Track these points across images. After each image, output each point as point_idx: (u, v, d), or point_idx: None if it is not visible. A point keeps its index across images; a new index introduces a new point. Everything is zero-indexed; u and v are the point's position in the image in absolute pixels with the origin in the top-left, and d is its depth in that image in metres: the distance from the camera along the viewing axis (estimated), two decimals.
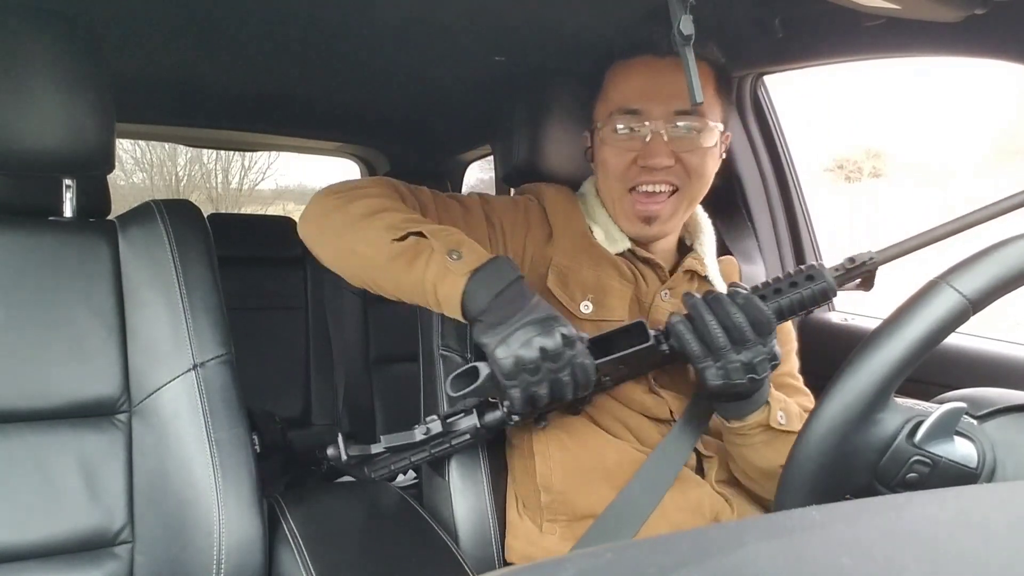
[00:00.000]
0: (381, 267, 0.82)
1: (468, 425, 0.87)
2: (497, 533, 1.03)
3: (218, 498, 0.93)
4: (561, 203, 1.01)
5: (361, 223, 0.83)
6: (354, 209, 0.85)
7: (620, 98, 0.93)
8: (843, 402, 0.57)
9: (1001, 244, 0.57)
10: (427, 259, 0.78)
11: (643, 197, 0.93)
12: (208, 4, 1.18)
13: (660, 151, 0.90)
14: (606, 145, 0.95)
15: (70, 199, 0.99)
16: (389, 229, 0.81)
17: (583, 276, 0.95)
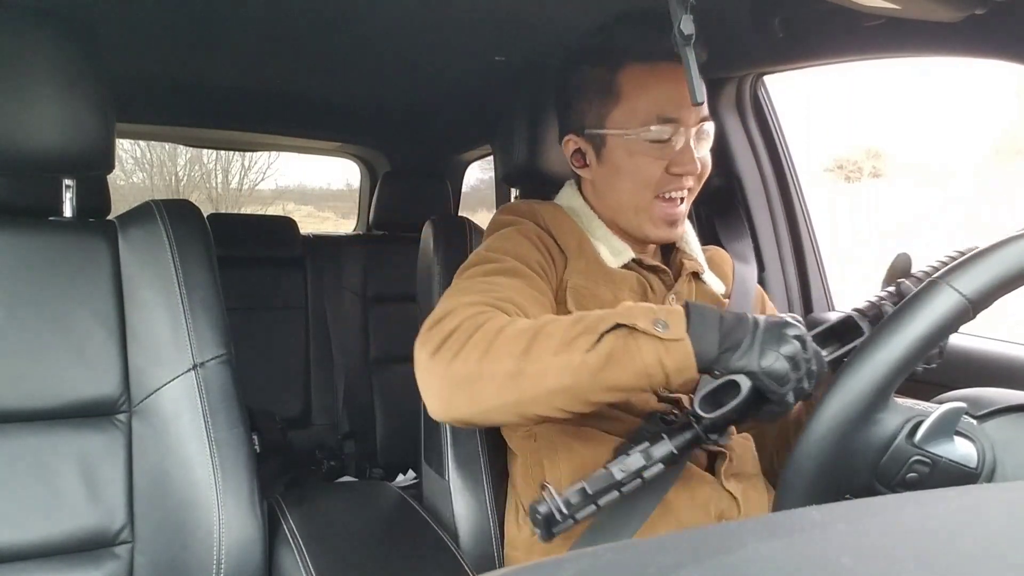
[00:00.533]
0: (589, 387, 0.71)
1: (664, 452, 0.80)
2: (497, 533, 1.03)
3: (218, 498, 0.93)
4: (565, 223, 0.98)
5: (529, 365, 0.71)
6: (500, 356, 0.72)
7: (655, 105, 0.91)
8: (843, 402, 0.57)
9: (1001, 244, 0.57)
10: (637, 349, 0.70)
11: (668, 202, 0.94)
12: (208, 4, 1.18)
13: (692, 158, 0.92)
14: (636, 154, 0.93)
15: (70, 199, 0.99)
16: (566, 348, 0.71)
17: (600, 295, 0.93)
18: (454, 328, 0.76)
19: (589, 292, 0.93)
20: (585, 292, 0.93)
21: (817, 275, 1.54)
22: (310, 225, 4.99)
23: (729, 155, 1.46)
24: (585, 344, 0.70)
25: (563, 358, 0.70)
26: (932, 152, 6.48)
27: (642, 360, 0.69)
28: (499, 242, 0.93)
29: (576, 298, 0.92)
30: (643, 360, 0.69)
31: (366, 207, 2.78)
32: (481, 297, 0.81)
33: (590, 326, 0.71)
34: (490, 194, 2.55)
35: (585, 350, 0.70)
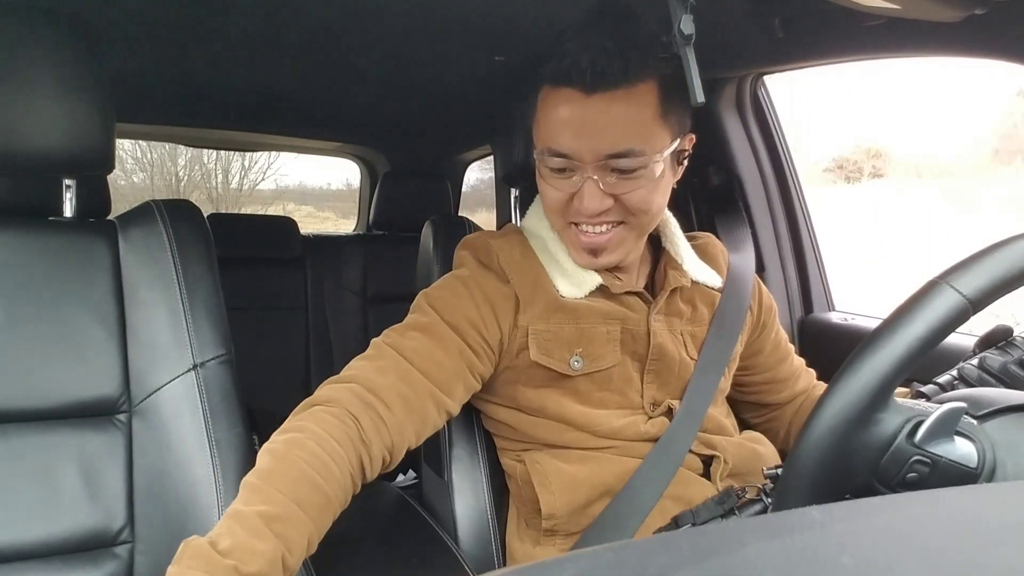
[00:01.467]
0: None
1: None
2: (497, 533, 1.03)
3: (218, 498, 0.93)
4: (518, 260, 0.92)
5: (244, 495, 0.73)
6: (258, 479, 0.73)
7: (548, 134, 0.85)
8: (843, 402, 0.57)
9: (1001, 244, 0.57)
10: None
11: (582, 231, 0.88)
12: (208, 4, 1.18)
13: (592, 196, 0.83)
14: (543, 177, 0.88)
15: (70, 199, 0.99)
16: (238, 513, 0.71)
17: (565, 334, 0.89)
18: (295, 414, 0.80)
19: (552, 336, 0.90)
20: (548, 337, 0.90)
21: (817, 275, 1.54)
22: (310, 225, 4.99)
23: (729, 155, 1.46)
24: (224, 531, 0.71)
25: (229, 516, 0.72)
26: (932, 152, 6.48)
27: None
28: (438, 292, 0.91)
29: (539, 343, 0.89)
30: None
31: (366, 207, 2.78)
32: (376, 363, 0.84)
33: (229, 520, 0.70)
34: (490, 194, 2.55)
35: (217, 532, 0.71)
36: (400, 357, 0.85)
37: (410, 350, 0.85)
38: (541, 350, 0.89)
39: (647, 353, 0.93)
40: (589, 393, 0.92)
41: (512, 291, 0.91)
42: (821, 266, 1.55)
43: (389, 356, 0.85)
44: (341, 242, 2.37)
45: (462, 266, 0.96)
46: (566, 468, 0.91)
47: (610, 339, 0.91)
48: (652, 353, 0.93)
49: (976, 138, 5.92)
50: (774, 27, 1.10)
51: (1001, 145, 5.55)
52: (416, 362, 0.85)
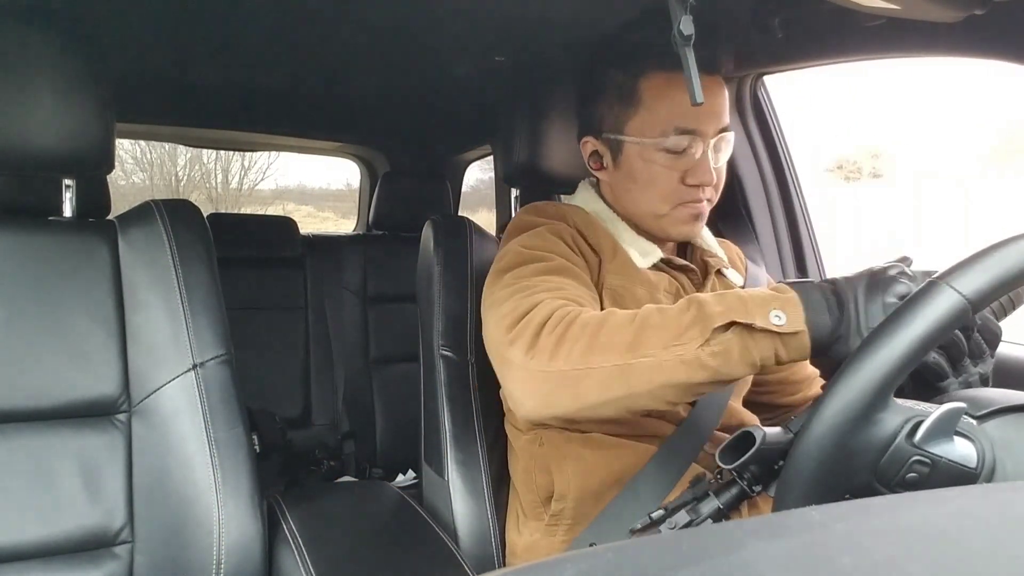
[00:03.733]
0: (701, 380, 0.69)
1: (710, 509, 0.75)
2: (497, 533, 1.03)
3: (218, 498, 0.93)
4: (596, 226, 0.97)
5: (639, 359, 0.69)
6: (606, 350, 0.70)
7: (674, 116, 0.90)
8: (843, 402, 0.57)
9: (1001, 244, 0.57)
10: (754, 344, 0.68)
11: (690, 204, 0.94)
12: (208, 4, 1.18)
13: (709, 169, 0.91)
14: (651, 163, 0.92)
15: (70, 199, 0.99)
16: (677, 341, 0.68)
17: (638, 294, 0.92)
18: (543, 320, 0.74)
19: (627, 291, 0.91)
20: (623, 291, 0.91)
21: (817, 275, 1.54)
22: (310, 225, 4.99)
23: (729, 155, 1.46)
24: (698, 338, 0.67)
25: (675, 352, 0.67)
26: (931, 152, 6.48)
27: (759, 354, 0.68)
28: (536, 240, 0.90)
29: (613, 298, 0.91)
30: (760, 354, 0.68)
31: (366, 207, 2.78)
32: (555, 293, 0.79)
33: (702, 319, 0.68)
34: (490, 194, 2.55)
35: (698, 345, 0.67)
36: (561, 290, 0.81)
37: (564, 286, 0.82)
38: (615, 305, 0.89)
39: None
40: None
41: (594, 251, 0.93)
42: (821, 266, 1.55)
43: (550, 288, 0.81)
44: (341, 242, 2.37)
45: (530, 225, 0.94)
46: (583, 452, 0.91)
47: None
48: None
49: (975, 138, 5.93)
50: (774, 27, 1.10)
51: (1000, 145, 5.55)
52: (574, 293, 0.82)
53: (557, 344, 0.72)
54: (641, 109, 0.92)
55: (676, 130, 0.90)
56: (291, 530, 0.99)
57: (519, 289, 0.82)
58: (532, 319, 0.75)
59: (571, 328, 0.72)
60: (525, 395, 0.74)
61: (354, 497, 1.21)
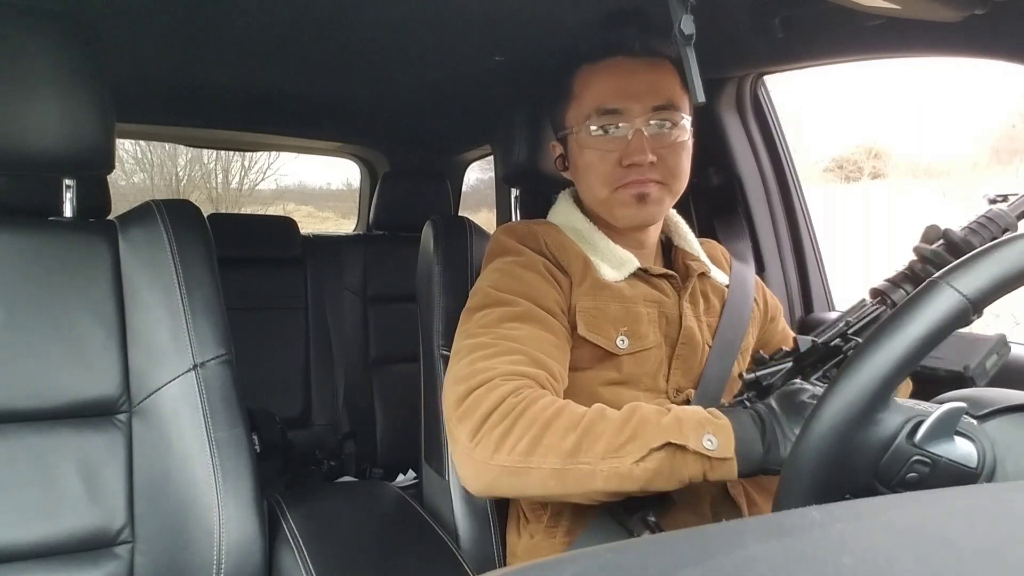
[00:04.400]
0: (631, 490, 0.73)
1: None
2: (497, 533, 1.03)
3: (218, 498, 0.93)
4: (565, 244, 0.97)
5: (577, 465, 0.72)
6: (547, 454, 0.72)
7: (596, 99, 0.93)
8: (843, 402, 0.57)
9: (1001, 244, 0.57)
10: (684, 466, 0.71)
11: (632, 183, 0.92)
12: (208, 4, 1.18)
13: (643, 147, 0.90)
14: (586, 148, 0.94)
15: (70, 199, 0.99)
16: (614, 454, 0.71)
17: (611, 312, 0.92)
18: (492, 408, 0.76)
19: (600, 312, 0.92)
20: (596, 312, 0.92)
21: (817, 275, 1.54)
22: (310, 225, 4.99)
23: (729, 155, 1.46)
24: (634, 454, 0.71)
25: (611, 464, 0.71)
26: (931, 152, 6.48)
27: (688, 474, 0.72)
28: (506, 280, 0.90)
29: (586, 320, 0.91)
30: (689, 474, 0.72)
31: (366, 207, 2.78)
32: (508, 362, 0.80)
33: (640, 436, 0.72)
34: (490, 194, 2.55)
35: (633, 461, 0.71)
36: (523, 347, 0.82)
37: (526, 339, 0.83)
38: (589, 327, 0.91)
39: (678, 337, 0.96)
40: (630, 374, 0.93)
41: (565, 273, 0.94)
42: (821, 266, 1.55)
43: (514, 349, 0.82)
44: (341, 242, 2.37)
45: (507, 252, 0.95)
46: None
47: (650, 320, 0.95)
48: (682, 336, 0.96)
49: (975, 138, 5.93)
50: (774, 27, 1.10)
51: (1000, 145, 5.55)
52: (539, 348, 0.83)
53: (502, 438, 0.74)
54: (572, 100, 0.97)
55: (599, 111, 0.92)
56: (291, 530, 0.99)
57: (479, 346, 0.83)
58: (481, 402, 0.77)
59: (518, 423, 0.74)
60: (468, 476, 0.78)
61: (354, 497, 1.21)
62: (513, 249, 0.95)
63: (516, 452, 0.73)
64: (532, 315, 0.87)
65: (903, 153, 6.70)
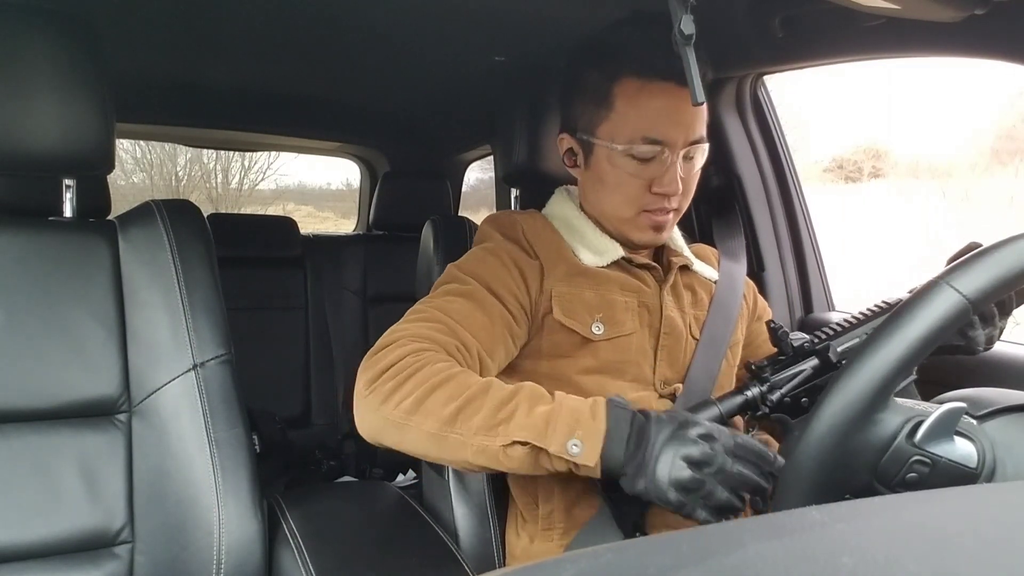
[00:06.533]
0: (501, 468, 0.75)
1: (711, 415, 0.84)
2: (497, 533, 1.03)
3: (218, 498, 0.93)
4: (542, 232, 0.98)
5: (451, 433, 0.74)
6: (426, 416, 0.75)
7: (642, 124, 0.89)
8: (843, 402, 0.57)
9: (1001, 244, 0.57)
10: (548, 462, 0.73)
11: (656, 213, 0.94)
12: (208, 4, 1.18)
13: (675, 180, 0.91)
14: (618, 168, 0.92)
15: (70, 199, 0.99)
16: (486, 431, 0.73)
17: (586, 298, 0.93)
18: (391, 364, 0.78)
19: (574, 296, 0.93)
20: (570, 297, 0.92)
21: (817, 275, 1.54)
22: (310, 225, 4.99)
23: (729, 155, 1.46)
24: (500, 439, 0.72)
25: (480, 441, 0.72)
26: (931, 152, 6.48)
27: (552, 467, 0.73)
28: (470, 263, 0.93)
29: (561, 304, 0.92)
30: (553, 468, 0.73)
31: (366, 207, 2.78)
32: (427, 328, 0.83)
33: (512, 421, 0.72)
34: (490, 194, 2.55)
35: (499, 444, 0.72)
36: (448, 318, 0.85)
37: (456, 312, 0.86)
38: (564, 311, 0.92)
39: (660, 327, 0.96)
40: (609, 362, 0.93)
41: (536, 260, 0.95)
42: (821, 266, 1.54)
43: (438, 318, 0.85)
44: (341, 242, 2.37)
45: (487, 239, 0.98)
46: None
47: (628, 308, 0.95)
48: (664, 327, 0.96)
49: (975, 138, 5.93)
50: (774, 27, 1.10)
51: (1000, 145, 5.55)
52: (464, 323, 0.85)
53: (391, 392, 0.76)
54: (613, 114, 0.92)
55: (644, 139, 0.89)
56: (291, 530, 0.99)
57: (411, 312, 0.87)
58: (384, 357, 0.79)
59: (408, 381, 0.76)
60: (360, 422, 0.80)
61: (354, 497, 1.21)
62: (488, 236, 0.98)
63: (400, 408, 0.75)
64: (475, 295, 0.88)
65: (903, 153, 6.69)
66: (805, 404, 0.85)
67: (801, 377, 0.85)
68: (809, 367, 0.85)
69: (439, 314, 0.85)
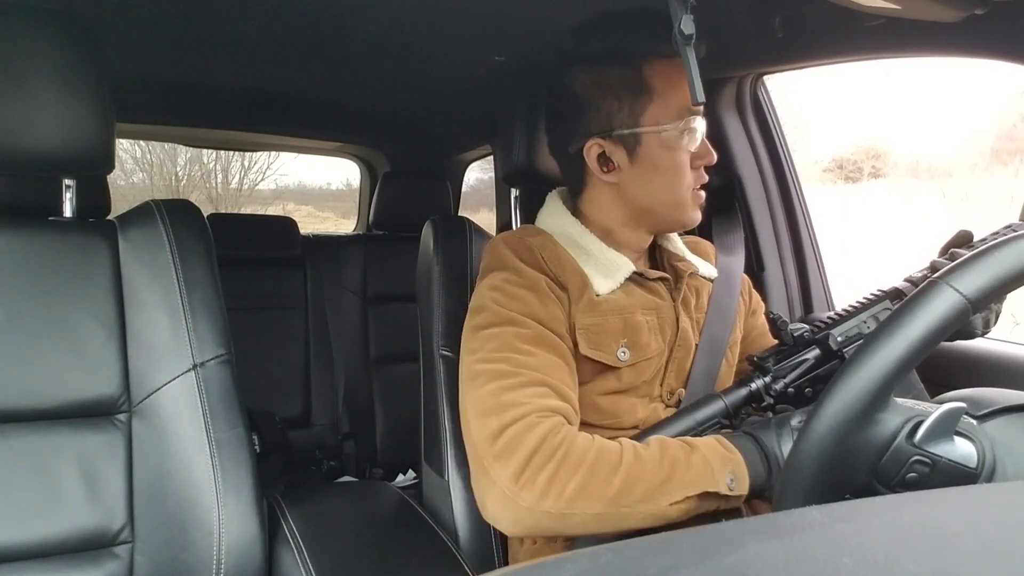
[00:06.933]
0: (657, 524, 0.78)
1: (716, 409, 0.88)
2: (497, 533, 1.03)
3: (218, 498, 0.93)
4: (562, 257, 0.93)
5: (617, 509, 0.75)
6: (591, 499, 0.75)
7: (682, 98, 0.89)
8: (843, 402, 0.57)
9: (1001, 244, 0.57)
10: (709, 504, 0.78)
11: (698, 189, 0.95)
12: (208, 4, 1.18)
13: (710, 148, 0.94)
14: (673, 150, 0.91)
15: (70, 199, 0.99)
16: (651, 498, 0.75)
17: (611, 325, 0.91)
18: (534, 449, 0.76)
19: (600, 328, 0.90)
20: (596, 329, 0.90)
21: (817, 275, 1.54)
22: (310, 225, 4.98)
23: (729, 155, 1.46)
24: (669, 497, 0.75)
25: (648, 507, 0.75)
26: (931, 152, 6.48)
27: (708, 508, 0.78)
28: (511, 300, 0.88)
29: (587, 338, 0.89)
30: (708, 508, 0.78)
31: (366, 207, 2.78)
32: (535, 395, 0.80)
33: (673, 478, 0.76)
34: (490, 194, 2.55)
35: (669, 503, 0.75)
36: (546, 377, 0.83)
37: (544, 367, 0.84)
38: (590, 344, 0.89)
39: (675, 340, 0.96)
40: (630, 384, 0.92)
41: (565, 292, 0.91)
42: (821, 266, 1.54)
43: (537, 380, 0.82)
44: (341, 242, 2.37)
45: (504, 266, 0.92)
46: None
47: (651, 328, 0.93)
48: (678, 340, 0.96)
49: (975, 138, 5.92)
50: (774, 27, 1.10)
51: (1000, 145, 5.55)
52: (556, 377, 0.84)
53: (548, 483, 0.75)
54: (654, 96, 0.90)
55: (689, 111, 0.90)
56: (291, 530, 0.99)
57: (499, 374, 0.82)
58: (520, 441, 0.77)
59: (562, 467, 0.75)
60: (503, 518, 0.78)
61: (354, 497, 1.21)
62: (511, 265, 0.92)
63: (563, 498, 0.74)
64: (544, 339, 0.86)
65: (903, 153, 6.69)
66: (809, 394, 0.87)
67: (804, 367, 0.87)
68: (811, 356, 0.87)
69: (533, 374, 0.82)
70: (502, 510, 0.77)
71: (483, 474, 0.79)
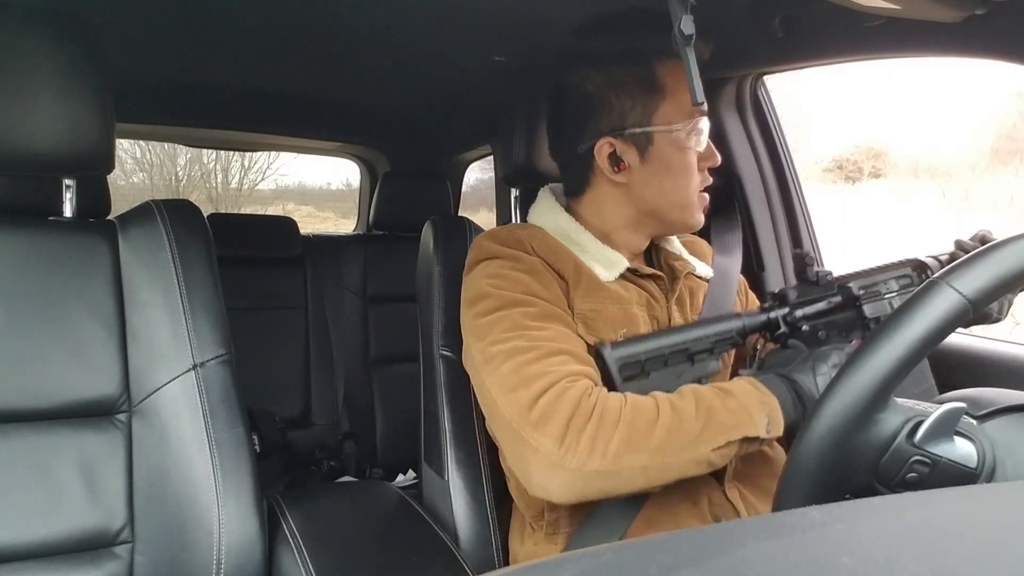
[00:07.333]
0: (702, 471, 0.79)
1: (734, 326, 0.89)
2: (497, 533, 1.03)
3: (218, 498, 0.93)
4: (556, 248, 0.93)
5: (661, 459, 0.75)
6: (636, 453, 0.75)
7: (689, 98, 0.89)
8: (843, 402, 0.57)
9: (1001, 244, 0.57)
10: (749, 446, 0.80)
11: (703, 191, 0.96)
12: (208, 4, 1.18)
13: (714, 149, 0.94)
14: (684, 149, 0.91)
15: (70, 199, 0.99)
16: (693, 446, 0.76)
17: (608, 314, 0.91)
18: (572, 412, 0.76)
19: (598, 314, 0.90)
20: (594, 315, 0.90)
21: None
22: (310, 225, 4.98)
23: (729, 155, 1.46)
24: (711, 443, 0.76)
25: (691, 454, 0.76)
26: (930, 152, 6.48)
27: (748, 450, 0.80)
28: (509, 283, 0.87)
29: (586, 322, 0.89)
30: (749, 450, 0.80)
31: (366, 207, 2.78)
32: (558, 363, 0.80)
33: (712, 425, 0.77)
34: (490, 194, 2.55)
35: (711, 449, 0.76)
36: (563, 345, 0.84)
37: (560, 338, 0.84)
38: (588, 329, 0.89)
39: None
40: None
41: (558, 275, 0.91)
42: (821, 266, 1.54)
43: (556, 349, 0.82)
44: (341, 242, 2.37)
45: (495, 256, 0.92)
46: None
47: (644, 323, 0.93)
48: None
49: (975, 138, 5.93)
50: (774, 27, 1.10)
51: (1000, 145, 5.55)
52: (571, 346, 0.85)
53: (592, 442, 0.75)
54: (668, 96, 0.91)
55: (699, 112, 0.90)
56: (291, 530, 0.99)
57: (516, 351, 0.82)
58: (557, 408, 0.76)
59: (602, 426, 0.75)
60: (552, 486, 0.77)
61: (354, 497, 1.21)
62: (502, 253, 0.91)
63: (609, 455, 0.74)
64: (552, 314, 0.86)
65: (903, 153, 6.69)
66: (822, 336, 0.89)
67: (821, 307, 0.89)
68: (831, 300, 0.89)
69: (550, 344, 0.82)
70: (550, 477, 0.76)
71: (523, 446, 0.77)
